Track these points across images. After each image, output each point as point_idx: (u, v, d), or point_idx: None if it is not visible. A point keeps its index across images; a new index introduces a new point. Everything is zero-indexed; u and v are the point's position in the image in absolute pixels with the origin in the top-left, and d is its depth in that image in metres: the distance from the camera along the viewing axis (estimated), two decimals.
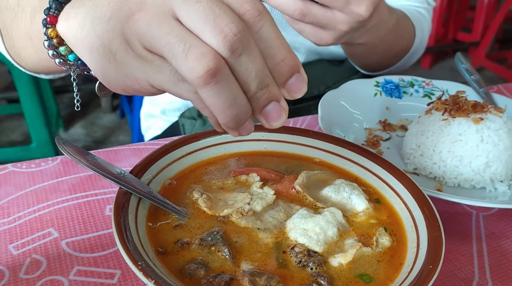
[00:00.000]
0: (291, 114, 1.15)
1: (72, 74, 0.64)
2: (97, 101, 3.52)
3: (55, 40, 0.60)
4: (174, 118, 1.41)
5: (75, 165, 0.85)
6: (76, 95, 0.70)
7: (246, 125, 0.52)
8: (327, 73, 1.32)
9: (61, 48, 0.60)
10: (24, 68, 0.88)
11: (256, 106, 0.51)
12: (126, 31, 0.50)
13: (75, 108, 0.71)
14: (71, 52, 0.60)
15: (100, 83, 0.66)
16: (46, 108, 2.80)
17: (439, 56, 4.64)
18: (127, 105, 3.04)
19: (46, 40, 0.60)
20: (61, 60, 0.62)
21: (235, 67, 0.47)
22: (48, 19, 0.58)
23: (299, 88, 0.51)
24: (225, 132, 0.54)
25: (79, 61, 0.61)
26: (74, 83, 0.69)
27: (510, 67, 4.31)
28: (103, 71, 0.54)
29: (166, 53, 0.47)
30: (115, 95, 3.46)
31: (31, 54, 0.78)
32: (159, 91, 0.53)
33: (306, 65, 1.32)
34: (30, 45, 0.74)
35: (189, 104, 1.36)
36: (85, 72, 0.63)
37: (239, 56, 0.47)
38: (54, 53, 0.61)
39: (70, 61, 0.61)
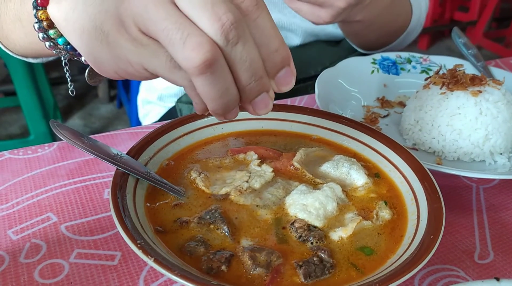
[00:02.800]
0: (288, 95, 1.14)
1: (62, 58, 0.63)
2: (94, 91, 3.51)
3: (45, 23, 0.58)
4: (171, 103, 1.40)
5: (72, 151, 0.85)
6: (69, 80, 0.69)
7: (233, 111, 0.53)
8: (324, 53, 1.31)
9: (51, 31, 0.59)
10: (12, 52, 0.87)
11: (247, 97, 0.51)
12: (121, 12, 0.49)
13: (70, 93, 0.70)
14: (61, 35, 0.59)
15: (89, 70, 0.64)
16: (43, 100, 2.78)
17: (436, 37, 4.61)
18: (124, 95, 3.02)
19: (36, 23, 0.59)
20: (51, 43, 0.60)
21: (230, 56, 0.47)
22: (39, 0, 0.57)
23: (287, 81, 0.52)
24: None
25: (68, 46, 0.60)
26: (66, 67, 0.68)
27: (508, 45, 4.29)
28: (94, 53, 0.52)
29: (163, 38, 0.46)
30: (112, 85, 3.45)
31: (20, 37, 0.77)
32: (153, 76, 0.52)
33: (303, 46, 1.31)
34: (20, 27, 0.73)
35: None
36: (75, 58, 0.62)
37: (235, 45, 0.47)
38: (44, 36, 0.59)
39: (59, 45, 0.60)
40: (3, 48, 0.87)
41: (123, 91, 3.04)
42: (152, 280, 0.62)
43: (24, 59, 0.90)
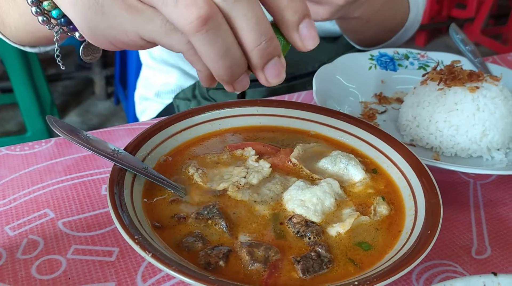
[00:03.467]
0: (286, 91, 1.14)
1: (55, 35, 0.62)
2: (91, 88, 3.49)
3: None
4: (168, 100, 1.40)
5: (69, 147, 0.84)
6: (58, 52, 0.67)
7: (241, 79, 0.51)
8: (321, 49, 1.30)
9: (45, 3, 0.57)
10: (9, 39, 0.86)
11: (257, 61, 0.49)
12: None
13: (58, 62, 0.67)
14: (55, 7, 0.58)
15: (84, 46, 0.64)
16: (40, 97, 2.77)
17: (433, 34, 4.61)
18: (121, 91, 3.02)
19: None
20: (45, 18, 0.59)
21: (231, 14, 0.46)
22: None
23: (312, 36, 0.50)
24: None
25: (62, 19, 0.59)
26: (57, 44, 0.66)
27: (505, 42, 4.29)
28: (89, 24, 0.51)
29: (156, 0, 0.45)
30: (109, 82, 3.44)
31: (15, 18, 0.76)
32: (149, 44, 0.51)
33: None
34: (14, 7, 0.72)
35: (184, 85, 1.35)
36: (68, 33, 0.61)
37: (236, 1, 0.45)
38: (38, 10, 0.58)
39: (53, 17, 0.59)
40: (0, 36, 0.86)
41: (120, 87, 3.03)
42: (149, 276, 0.61)
43: (21, 47, 0.89)
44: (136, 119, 1.71)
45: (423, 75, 0.94)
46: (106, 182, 0.77)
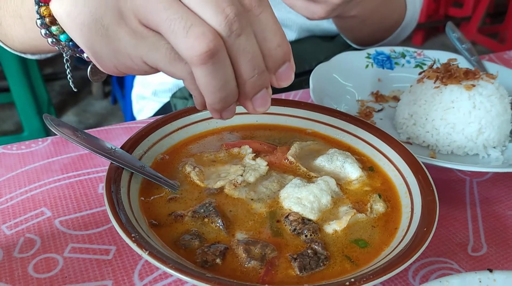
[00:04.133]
0: (283, 90, 1.14)
1: (64, 55, 0.63)
2: (88, 88, 3.49)
3: (47, 19, 0.57)
4: (165, 99, 1.40)
5: (66, 145, 0.84)
6: (70, 76, 0.68)
7: (230, 108, 0.53)
8: (318, 48, 1.31)
9: (53, 28, 0.58)
10: (10, 48, 0.86)
11: (248, 92, 0.51)
12: (121, 4, 0.49)
13: (72, 87, 0.69)
14: (63, 32, 0.59)
15: (92, 67, 0.64)
16: (37, 97, 2.77)
17: (430, 33, 4.62)
18: (119, 91, 3.01)
19: (39, 19, 0.58)
20: (54, 40, 0.60)
21: (232, 47, 0.47)
22: None
23: (287, 76, 0.52)
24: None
25: (71, 42, 0.59)
26: (67, 64, 0.67)
27: (501, 40, 4.30)
28: (95, 48, 0.52)
29: (164, 28, 0.46)
30: (106, 81, 3.43)
31: (19, 33, 0.76)
32: (152, 70, 0.52)
33: (297, 41, 1.31)
34: (20, 23, 0.73)
35: (181, 84, 1.35)
36: (77, 54, 0.61)
37: (238, 37, 0.47)
38: (47, 32, 0.59)
39: (62, 41, 0.59)
40: (1, 44, 0.86)
41: (118, 87, 3.03)
42: (147, 274, 0.62)
43: (22, 55, 0.90)
44: (133, 118, 1.71)
45: (420, 73, 0.94)
46: (103, 181, 0.77)
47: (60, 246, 0.65)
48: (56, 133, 0.63)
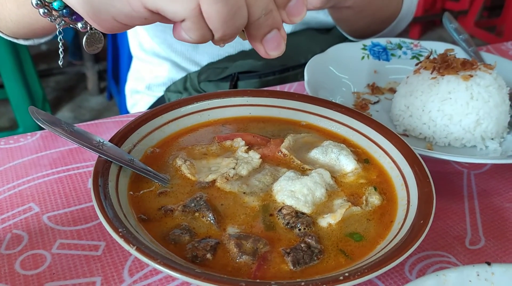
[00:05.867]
0: (278, 83, 1.12)
1: (57, 27, 0.60)
2: (83, 83, 3.46)
3: None
4: (159, 93, 1.38)
5: (55, 140, 0.83)
6: (61, 50, 0.66)
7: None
8: (314, 41, 1.29)
9: None
10: (3, 33, 0.85)
11: (257, 33, 0.49)
12: None
13: (60, 64, 0.66)
14: None
15: (87, 37, 0.62)
16: (31, 93, 2.74)
17: (427, 26, 4.60)
18: (114, 86, 2.99)
19: None
20: (46, 10, 0.58)
21: None
22: None
23: (299, 11, 0.49)
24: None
25: (64, 10, 0.57)
26: (60, 37, 0.65)
27: (499, 34, 4.28)
28: (92, 1, 0.50)
29: None
30: (101, 77, 3.41)
31: (12, 11, 0.74)
32: (152, 16, 0.49)
33: (293, 33, 1.29)
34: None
35: (175, 78, 1.33)
36: (70, 25, 0.59)
37: None
38: (38, 2, 0.57)
39: (55, 9, 0.57)
40: None
41: (113, 82, 3.01)
42: (137, 270, 0.60)
43: (15, 40, 0.88)
44: (127, 113, 1.69)
45: (416, 64, 0.93)
46: None
47: (48, 242, 0.63)
48: (42, 126, 0.61)
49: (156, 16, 0.49)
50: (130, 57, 1.98)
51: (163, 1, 0.46)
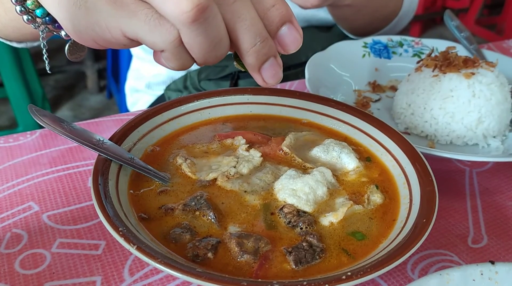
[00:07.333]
0: None
1: (40, 33, 0.60)
2: (83, 82, 3.46)
3: None
4: (159, 91, 1.37)
5: (55, 138, 0.82)
6: (46, 56, 0.65)
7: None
8: (315, 39, 1.29)
9: (28, 2, 0.56)
10: None
11: (255, 62, 0.48)
12: None
13: (47, 70, 0.66)
14: (39, 6, 0.57)
15: (69, 45, 0.62)
16: (31, 91, 2.73)
17: (428, 25, 4.59)
18: (114, 85, 2.98)
19: None
20: (29, 17, 0.57)
21: (228, 15, 0.44)
22: None
23: (291, 40, 0.48)
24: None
25: (47, 17, 0.57)
26: (43, 42, 0.64)
27: (499, 32, 4.27)
28: (72, 20, 0.49)
29: None
30: (101, 75, 3.40)
31: (1, 15, 0.74)
32: (132, 43, 0.49)
33: None
34: None
35: (175, 76, 1.33)
36: (54, 33, 0.59)
37: (233, 2, 0.44)
38: (22, 8, 0.57)
39: (38, 16, 0.57)
40: None
41: (113, 81, 3.00)
42: (137, 269, 0.60)
43: (8, 42, 0.87)
44: (127, 112, 1.68)
45: (418, 62, 0.92)
46: None
47: (48, 241, 0.63)
48: (41, 124, 0.61)
49: (135, 43, 0.49)
50: (130, 56, 1.98)
51: (142, 32, 0.46)
